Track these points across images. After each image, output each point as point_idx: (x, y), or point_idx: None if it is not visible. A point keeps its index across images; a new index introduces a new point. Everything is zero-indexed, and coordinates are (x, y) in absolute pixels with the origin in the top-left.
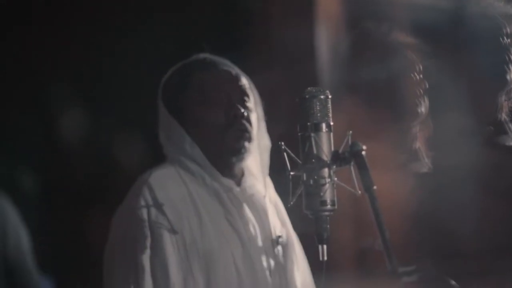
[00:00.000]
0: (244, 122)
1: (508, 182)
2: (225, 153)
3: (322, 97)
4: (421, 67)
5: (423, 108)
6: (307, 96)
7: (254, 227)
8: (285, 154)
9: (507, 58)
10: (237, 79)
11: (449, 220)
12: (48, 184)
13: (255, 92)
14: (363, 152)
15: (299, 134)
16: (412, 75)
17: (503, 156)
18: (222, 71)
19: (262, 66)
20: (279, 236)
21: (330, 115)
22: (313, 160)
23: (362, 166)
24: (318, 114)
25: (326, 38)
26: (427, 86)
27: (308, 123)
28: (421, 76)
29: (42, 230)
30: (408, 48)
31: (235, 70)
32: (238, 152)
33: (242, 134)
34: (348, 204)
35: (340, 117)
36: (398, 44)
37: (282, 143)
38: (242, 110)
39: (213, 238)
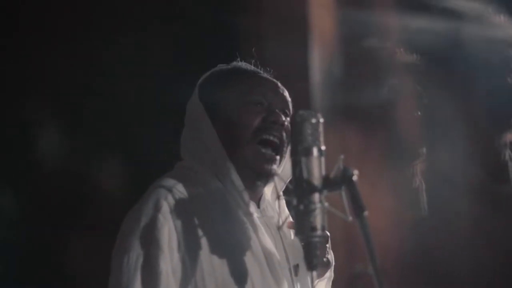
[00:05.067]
0: (282, 130)
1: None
2: (251, 167)
3: (313, 120)
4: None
5: (424, 150)
6: (298, 120)
7: (272, 253)
8: (275, 178)
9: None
10: (282, 90)
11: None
12: (28, 203)
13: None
14: (355, 178)
15: (290, 158)
16: (408, 103)
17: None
18: (267, 79)
19: None
20: (297, 265)
21: (322, 139)
22: (304, 185)
23: (353, 192)
24: (309, 138)
25: (320, 59)
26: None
27: (299, 147)
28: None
29: (21, 248)
30: (410, 70)
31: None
32: (268, 167)
33: (274, 141)
34: (339, 229)
35: (333, 141)
36: (401, 64)
37: (272, 167)
38: (283, 118)
39: (231, 265)
